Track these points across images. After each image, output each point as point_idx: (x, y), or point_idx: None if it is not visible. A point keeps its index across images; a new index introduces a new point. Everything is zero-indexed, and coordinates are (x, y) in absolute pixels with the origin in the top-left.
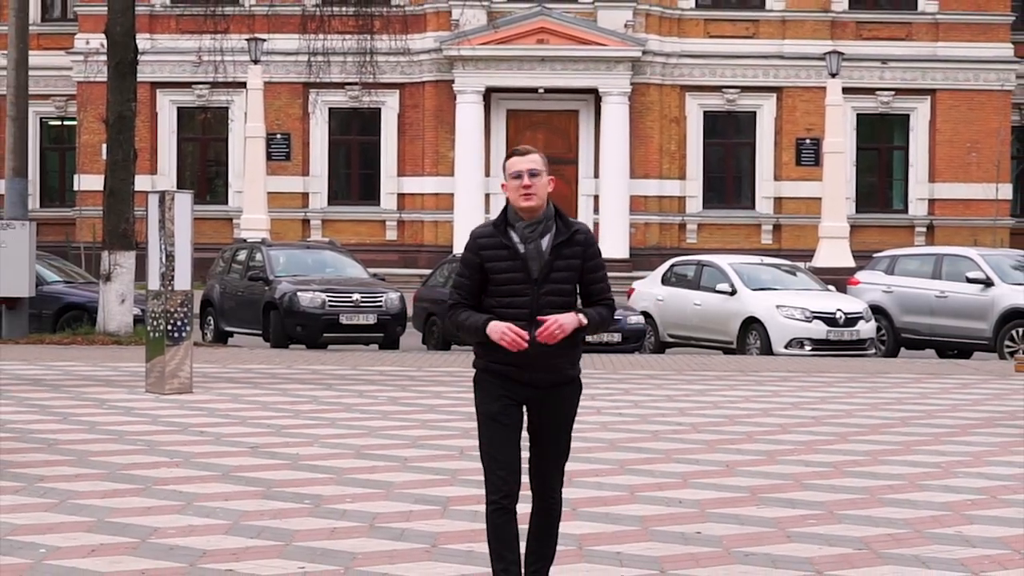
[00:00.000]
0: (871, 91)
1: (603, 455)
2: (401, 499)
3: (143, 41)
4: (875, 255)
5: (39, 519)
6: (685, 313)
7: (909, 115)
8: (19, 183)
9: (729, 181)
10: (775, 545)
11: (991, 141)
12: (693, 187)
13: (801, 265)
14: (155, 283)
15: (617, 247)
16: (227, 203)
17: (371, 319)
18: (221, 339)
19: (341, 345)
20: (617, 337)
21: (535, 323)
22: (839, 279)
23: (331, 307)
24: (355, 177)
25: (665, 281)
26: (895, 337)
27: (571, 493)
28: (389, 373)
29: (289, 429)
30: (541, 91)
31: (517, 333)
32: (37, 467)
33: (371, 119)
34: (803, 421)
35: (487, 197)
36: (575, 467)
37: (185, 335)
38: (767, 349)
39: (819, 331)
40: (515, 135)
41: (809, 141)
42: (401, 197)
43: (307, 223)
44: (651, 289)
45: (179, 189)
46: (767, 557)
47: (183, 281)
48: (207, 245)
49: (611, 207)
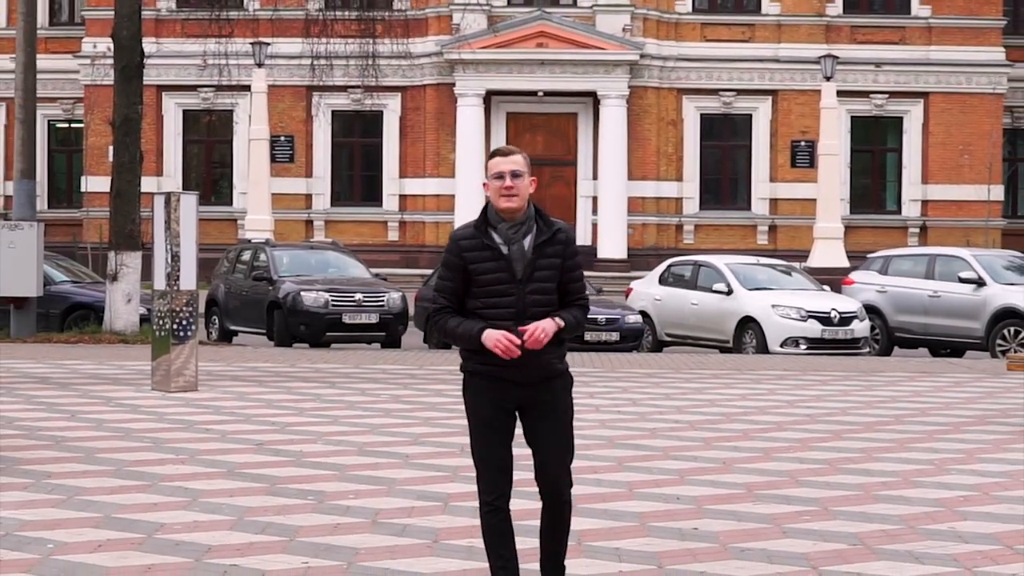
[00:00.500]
0: (865, 94)
1: (602, 452)
2: (403, 495)
3: (149, 45)
4: (869, 255)
5: (47, 515)
6: (682, 312)
7: (902, 118)
8: (27, 184)
9: (725, 183)
10: (771, 541)
11: (983, 143)
12: (690, 188)
13: (796, 265)
14: (161, 283)
15: (615, 248)
16: (232, 204)
17: (373, 318)
18: (226, 338)
19: (344, 344)
20: (615, 336)
21: (522, 322)
22: (834, 279)
23: (334, 306)
24: (357, 179)
25: (662, 281)
26: (889, 336)
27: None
28: (391, 371)
29: (293, 426)
30: (540, 94)
31: (511, 341)
32: (45, 464)
33: (373, 122)
34: (798, 419)
35: (487, 198)
36: (574, 464)
37: (190, 334)
38: (763, 348)
39: (814, 330)
40: (515, 137)
41: (804, 143)
42: (403, 198)
43: (310, 224)
44: (649, 289)
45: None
46: (763, 552)
47: (188, 281)
48: (212, 245)
49: (609, 208)
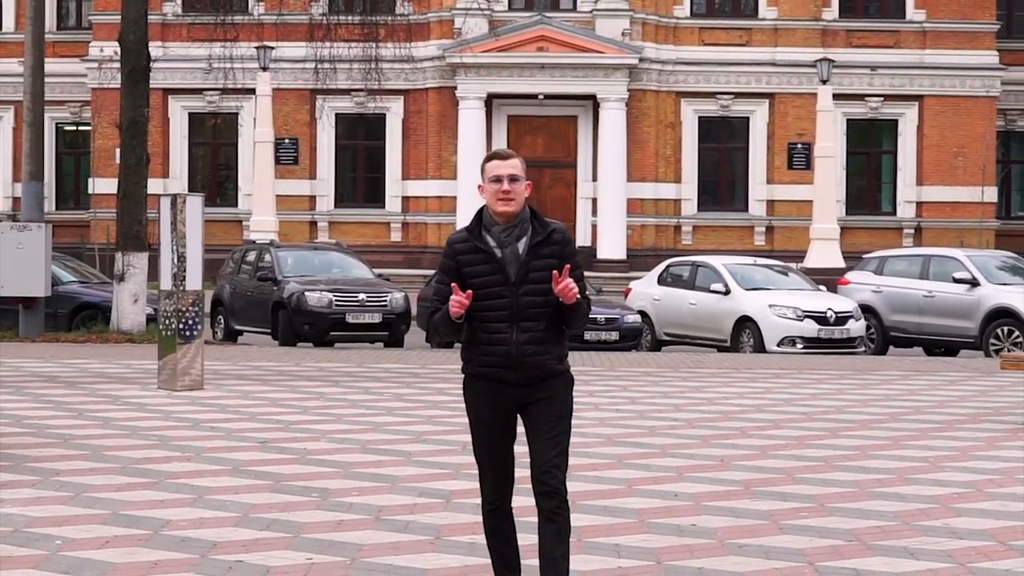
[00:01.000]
0: (861, 97)
1: (601, 450)
2: (405, 492)
3: (155, 49)
4: (865, 256)
5: (55, 512)
6: (680, 312)
7: (897, 120)
8: (35, 186)
9: (723, 184)
10: (768, 537)
11: (977, 145)
12: (688, 190)
13: (793, 266)
14: (167, 283)
15: (614, 248)
16: (237, 206)
17: (376, 318)
18: (231, 337)
19: (347, 343)
20: (615, 335)
21: (517, 325)
22: (830, 279)
23: (338, 306)
24: (361, 180)
25: (661, 281)
26: (884, 335)
27: (570, 487)
28: (394, 370)
29: (297, 424)
30: (541, 97)
31: (455, 293)
32: (53, 461)
33: (376, 124)
34: (795, 417)
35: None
36: (574, 461)
37: (196, 333)
38: (760, 347)
39: (810, 330)
40: (516, 140)
41: (800, 145)
42: (405, 200)
43: (314, 225)
44: (647, 289)
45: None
46: (760, 548)
47: (194, 281)
48: (217, 246)
49: (609, 209)
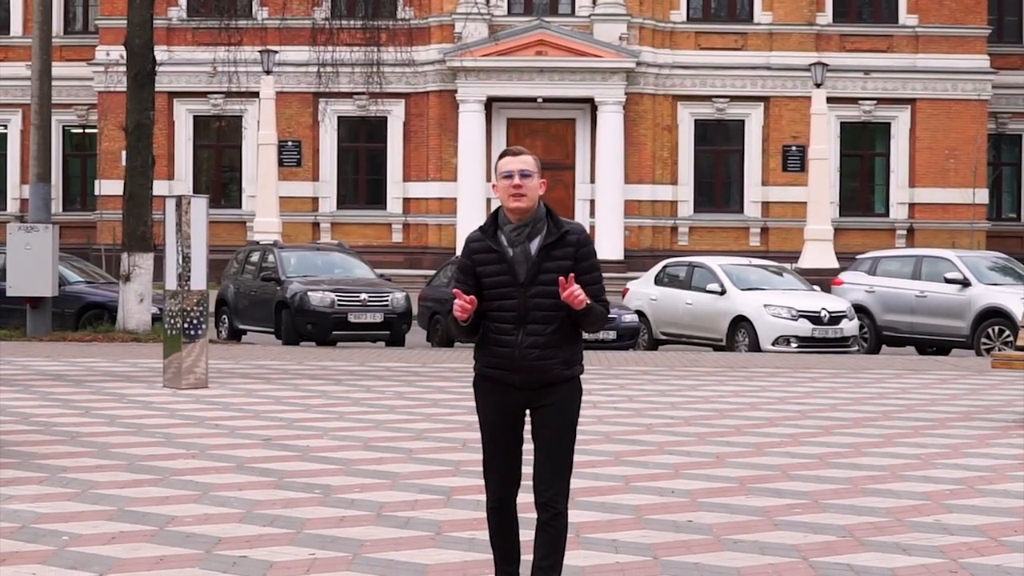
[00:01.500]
0: (854, 100)
1: (599, 447)
2: (407, 489)
3: (161, 53)
4: (858, 257)
5: (62, 508)
6: (677, 312)
7: (890, 123)
8: (43, 188)
9: (719, 186)
10: (763, 533)
11: (968, 148)
12: (685, 192)
13: (787, 266)
14: (172, 283)
15: (612, 249)
16: (241, 207)
17: (378, 318)
18: (235, 337)
19: (349, 342)
20: (612, 335)
21: (524, 327)
22: (824, 279)
23: (340, 306)
24: (363, 182)
25: (658, 281)
26: (877, 335)
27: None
28: (395, 369)
29: (300, 422)
30: (540, 100)
31: (458, 297)
32: (60, 458)
33: (378, 127)
34: (789, 415)
35: (488, 202)
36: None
37: (201, 333)
38: (755, 346)
39: (804, 329)
40: (515, 142)
41: (795, 148)
42: (406, 201)
43: (317, 226)
44: (645, 289)
45: (195, 194)
46: (755, 544)
47: (199, 281)
48: (222, 247)
49: (606, 211)
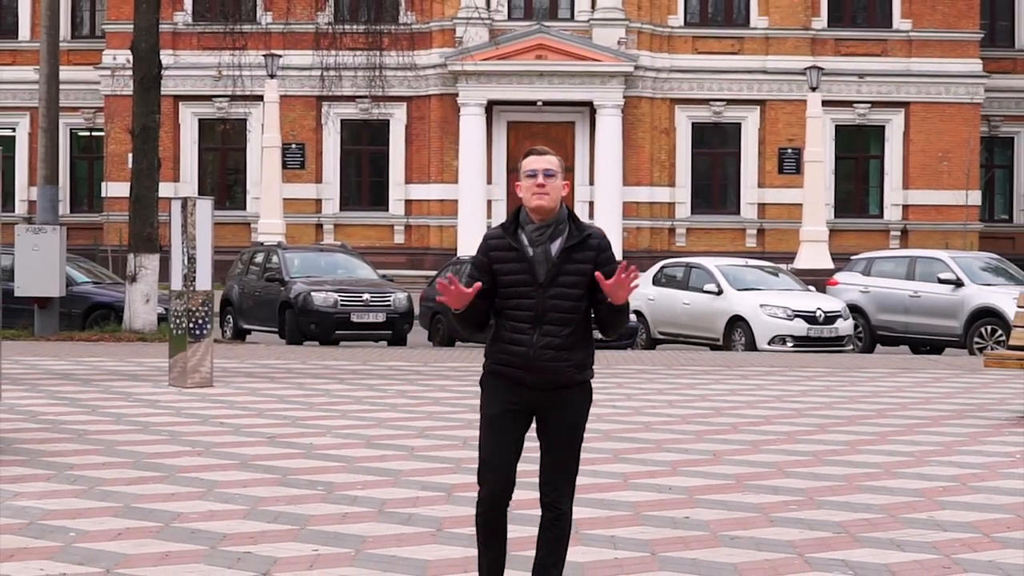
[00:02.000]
0: (849, 104)
1: (598, 445)
2: (408, 486)
3: (167, 57)
4: (853, 257)
5: (69, 505)
6: (675, 312)
7: (884, 126)
8: (50, 190)
9: (716, 188)
10: (759, 529)
11: (961, 150)
12: (682, 194)
13: (783, 267)
14: (178, 284)
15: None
16: (245, 209)
17: (380, 317)
18: (240, 336)
19: (352, 342)
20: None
21: (540, 328)
22: (819, 280)
23: (343, 306)
24: (365, 184)
25: (656, 282)
26: (871, 334)
27: None
28: (397, 368)
29: (304, 420)
30: (540, 104)
31: (456, 287)
32: (67, 456)
33: (380, 130)
34: (785, 413)
35: (489, 203)
36: None
37: (206, 332)
38: (751, 345)
39: (800, 328)
40: (515, 145)
41: (791, 150)
42: (408, 203)
43: (320, 227)
44: (643, 289)
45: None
46: (752, 540)
47: (204, 282)
48: (226, 248)
49: (605, 212)
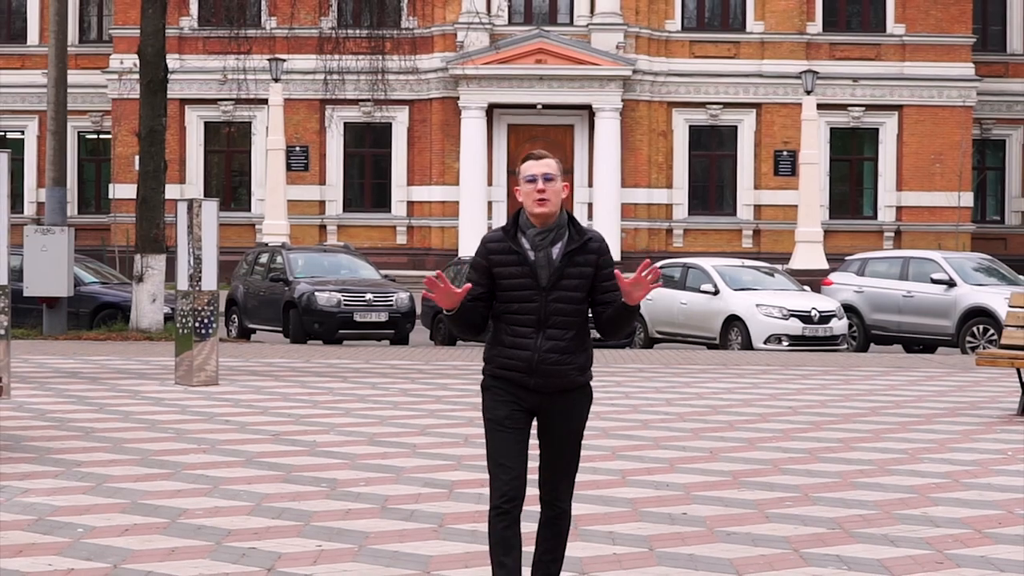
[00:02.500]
0: (843, 107)
1: (597, 442)
2: (411, 483)
3: (173, 61)
4: (847, 258)
5: (77, 501)
6: (672, 311)
7: (878, 129)
8: (58, 192)
9: (712, 190)
10: (755, 525)
11: (954, 153)
12: (679, 195)
13: (779, 267)
14: (184, 284)
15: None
16: (250, 210)
17: (383, 317)
18: (245, 335)
19: (355, 341)
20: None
21: (544, 332)
22: (814, 280)
23: (346, 306)
24: (368, 186)
25: None
26: (865, 333)
27: None
28: (399, 367)
29: (307, 418)
30: (539, 107)
31: (446, 285)
32: (75, 453)
33: (383, 133)
34: (781, 411)
35: (489, 205)
36: None
37: (211, 331)
38: (747, 344)
39: (795, 328)
40: (515, 148)
41: (786, 153)
42: (410, 204)
43: (324, 228)
44: None
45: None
46: (748, 536)
47: (210, 282)
48: (231, 249)
49: (604, 214)
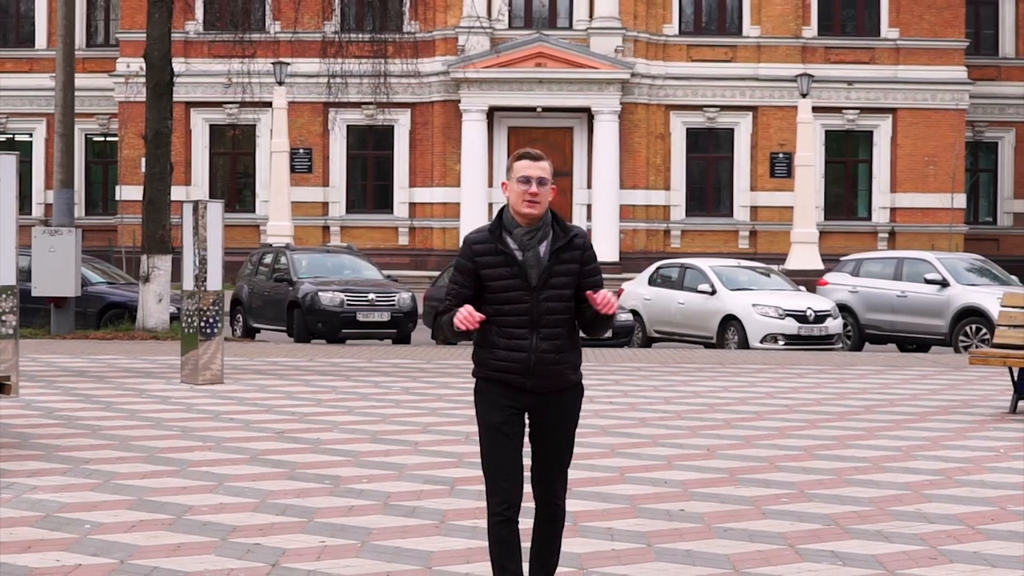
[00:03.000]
0: (838, 110)
1: (595, 440)
2: (412, 480)
3: (178, 64)
4: (842, 258)
5: (85, 498)
6: (670, 311)
7: (872, 131)
8: (66, 193)
9: (709, 191)
10: (752, 521)
11: (947, 155)
12: (677, 197)
13: (775, 267)
14: (189, 284)
15: (608, 251)
16: (254, 211)
17: (385, 316)
18: (249, 335)
19: (358, 340)
20: (608, 333)
21: (538, 331)
22: (809, 280)
23: (349, 306)
24: (370, 188)
25: (651, 282)
26: (860, 333)
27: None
28: (401, 365)
29: (311, 416)
30: (539, 110)
31: (469, 312)
32: (82, 451)
33: (385, 135)
34: (777, 409)
35: (490, 206)
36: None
37: (217, 331)
38: (744, 343)
39: (791, 327)
40: (515, 149)
41: (782, 155)
42: (412, 206)
43: (327, 230)
44: (639, 289)
45: (211, 199)
46: (744, 532)
47: (215, 282)
48: (236, 249)
49: (603, 215)
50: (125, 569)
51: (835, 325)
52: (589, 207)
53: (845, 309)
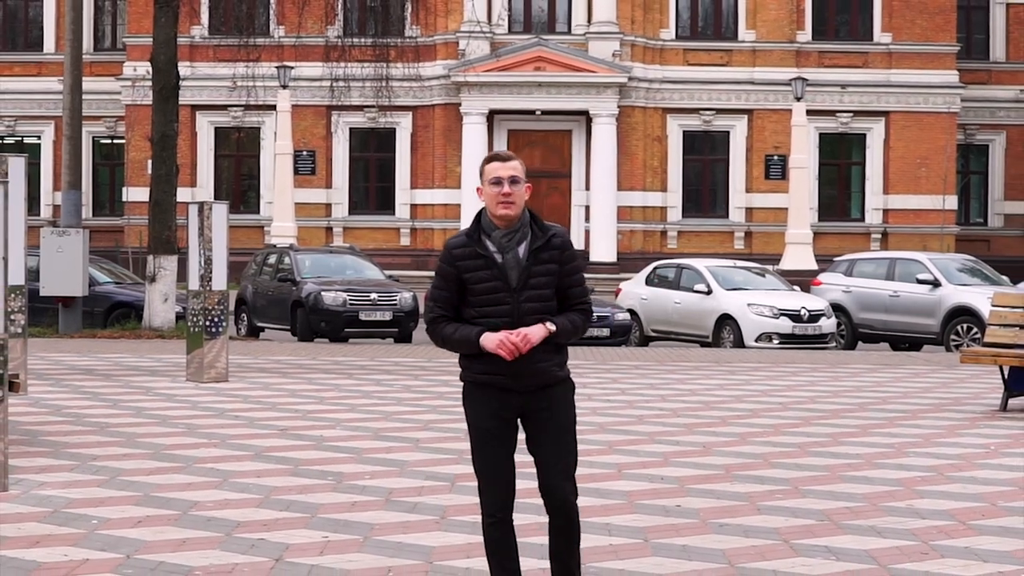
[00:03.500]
0: (832, 113)
1: (593, 437)
2: (414, 476)
3: (184, 68)
4: (835, 259)
5: (92, 494)
6: (666, 310)
7: (866, 134)
8: (74, 195)
9: (705, 193)
10: (747, 517)
11: (939, 157)
12: (673, 198)
13: (769, 268)
14: (195, 284)
15: (606, 252)
16: (259, 212)
17: (387, 316)
18: (253, 333)
19: (360, 339)
20: (606, 332)
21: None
22: (803, 280)
23: (351, 305)
24: (373, 189)
25: (648, 282)
26: (853, 332)
27: None
28: (403, 364)
29: (314, 414)
30: (538, 113)
31: (511, 340)
32: (90, 447)
33: (387, 138)
34: (771, 407)
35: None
36: None
37: (222, 330)
38: (739, 342)
39: (785, 326)
40: (514, 152)
41: (777, 157)
42: (414, 207)
43: (330, 230)
44: (636, 289)
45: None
46: (740, 527)
47: (220, 282)
48: (241, 250)
49: (600, 216)
50: (131, 564)
51: (829, 324)
52: (587, 208)
53: (839, 309)
